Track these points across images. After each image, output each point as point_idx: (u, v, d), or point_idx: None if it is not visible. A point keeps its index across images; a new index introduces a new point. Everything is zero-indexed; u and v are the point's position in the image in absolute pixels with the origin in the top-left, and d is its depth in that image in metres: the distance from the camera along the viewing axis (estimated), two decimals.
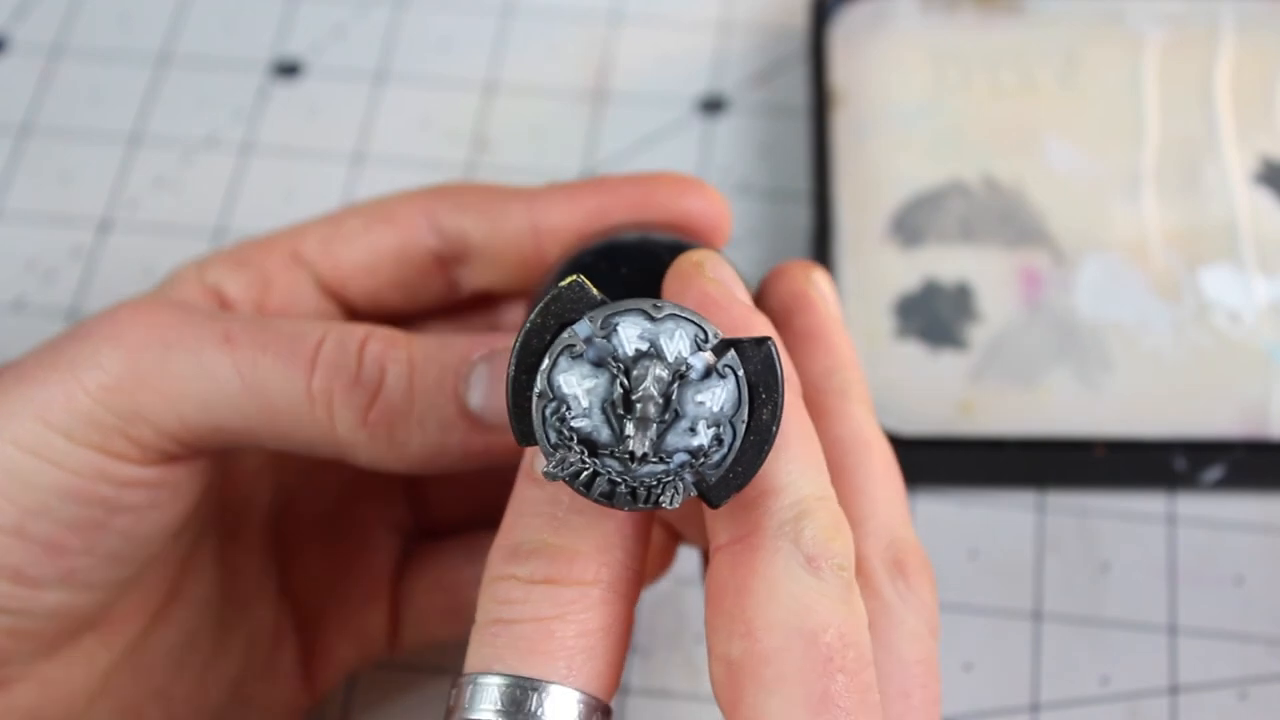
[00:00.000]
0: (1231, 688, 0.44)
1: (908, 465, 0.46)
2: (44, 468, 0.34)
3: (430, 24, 0.58)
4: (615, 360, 0.29)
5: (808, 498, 0.30)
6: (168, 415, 0.34)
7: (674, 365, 0.29)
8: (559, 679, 0.30)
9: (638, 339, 0.29)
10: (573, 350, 0.29)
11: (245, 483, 0.41)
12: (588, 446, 0.29)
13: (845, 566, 0.30)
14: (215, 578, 0.40)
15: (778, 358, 0.30)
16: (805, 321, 0.36)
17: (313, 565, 0.42)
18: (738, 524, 0.30)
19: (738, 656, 0.29)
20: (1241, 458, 0.46)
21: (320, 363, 0.34)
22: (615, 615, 0.31)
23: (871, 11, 0.54)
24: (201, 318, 0.35)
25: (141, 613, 0.38)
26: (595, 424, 0.29)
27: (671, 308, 0.29)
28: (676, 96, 0.56)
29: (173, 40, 0.57)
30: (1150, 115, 0.52)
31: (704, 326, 0.30)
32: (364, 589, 0.42)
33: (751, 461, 0.30)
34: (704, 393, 0.29)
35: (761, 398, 0.30)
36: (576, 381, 0.29)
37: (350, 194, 0.53)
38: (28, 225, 0.53)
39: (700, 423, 0.29)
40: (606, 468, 0.29)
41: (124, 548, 0.35)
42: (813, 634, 0.29)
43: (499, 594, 0.31)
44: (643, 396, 0.29)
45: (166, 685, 0.39)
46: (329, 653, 0.42)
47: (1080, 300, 0.49)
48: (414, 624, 0.42)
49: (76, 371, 0.34)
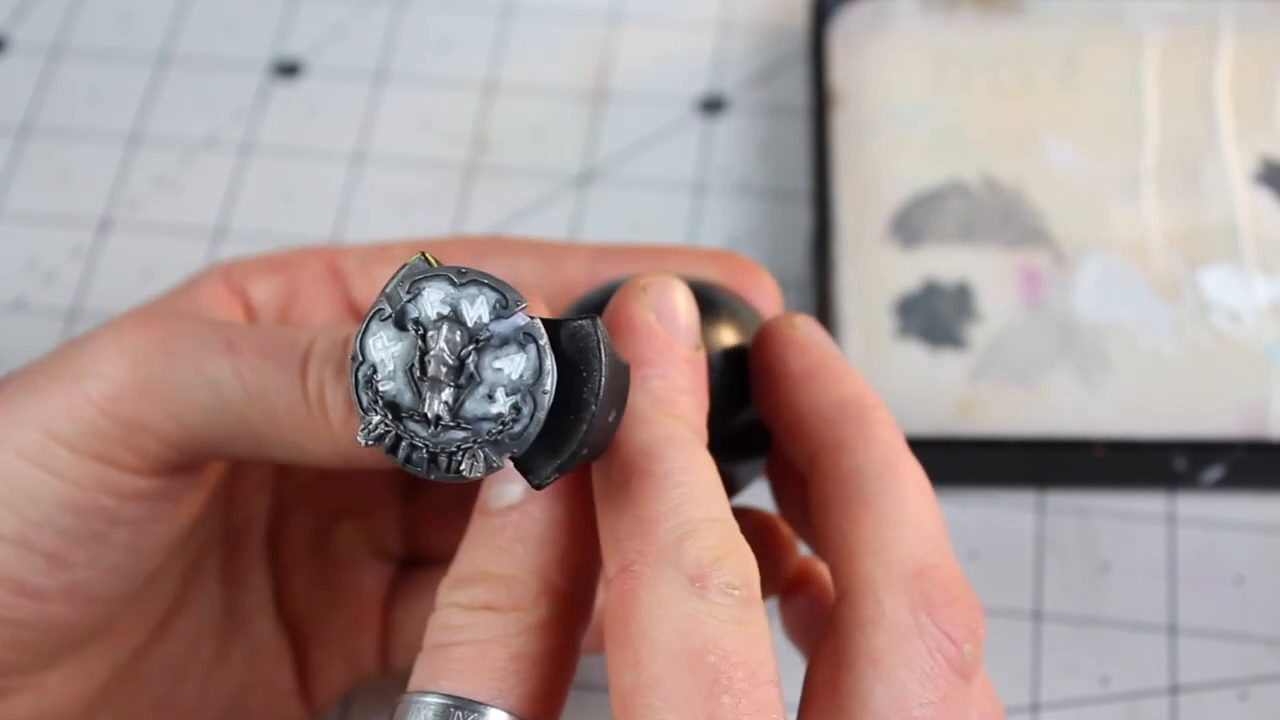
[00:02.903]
0: (1231, 688, 0.44)
1: None
2: (47, 479, 0.33)
3: (430, 24, 0.58)
4: (417, 324, 0.30)
5: (692, 519, 0.30)
6: (171, 425, 0.34)
7: (471, 330, 0.29)
8: (488, 699, 0.30)
9: (439, 303, 0.30)
10: (381, 315, 0.30)
11: (247, 498, 0.40)
12: (392, 410, 0.29)
13: (737, 586, 0.29)
14: (217, 591, 0.40)
15: (598, 336, 0.30)
16: (802, 362, 0.35)
17: (304, 586, 0.42)
18: (623, 553, 0.30)
19: (628, 686, 0.29)
20: (1241, 458, 0.46)
21: (311, 363, 0.34)
22: (554, 641, 0.31)
23: (871, 11, 0.54)
24: (204, 326, 0.34)
25: (144, 624, 0.38)
26: (399, 387, 0.30)
27: (474, 274, 0.30)
28: (676, 96, 0.56)
29: (173, 40, 0.57)
30: (1150, 115, 0.52)
31: (505, 293, 0.29)
32: (354, 613, 0.42)
33: (566, 439, 0.30)
34: (501, 359, 0.29)
35: (582, 375, 0.30)
36: (384, 345, 0.30)
37: (350, 194, 0.53)
38: (28, 225, 0.53)
39: (499, 390, 0.29)
40: (411, 433, 0.29)
41: (126, 561, 0.35)
42: (696, 655, 0.29)
43: (442, 620, 0.32)
44: (433, 356, 0.29)
45: (166, 697, 0.39)
46: (322, 671, 0.42)
47: (1080, 300, 0.49)
48: (403, 651, 0.42)
49: (80, 381, 0.33)
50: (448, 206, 0.53)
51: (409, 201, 0.53)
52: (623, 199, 0.53)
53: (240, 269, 0.39)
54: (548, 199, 0.53)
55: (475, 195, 0.53)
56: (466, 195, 0.53)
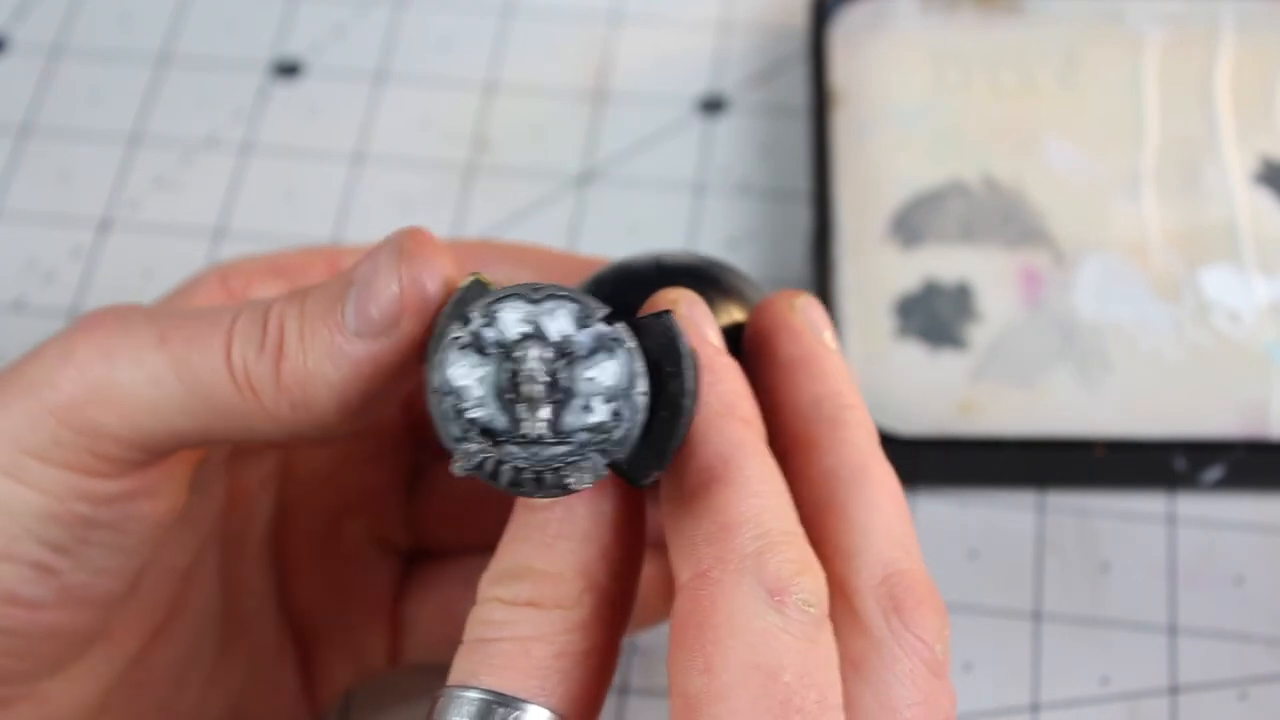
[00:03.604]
0: (1231, 688, 0.44)
1: (908, 465, 0.46)
2: (20, 490, 0.33)
3: (430, 24, 0.58)
4: (500, 346, 0.30)
5: (772, 531, 0.30)
6: (124, 426, 0.33)
7: (557, 344, 0.29)
8: (531, 696, 0.30)
9: (519, 322, 0.30)
10: (459, 342, 0.30)
11: (246, 498, 0.40)
12: (489, 436, 0.29)
13: (812, 604, 0.30)
14: (217, 593, 0.40)
15: (677, 330, 0.30)
16: (789, 351, 0.34)
17: (310, 584, 0.42)
18: (700, 559, 0.30)
19: (695, 692, 0.29)
20: (1241, 458, 0.46)
21: (234, 340, 0.33)
22: (596, 640, 0.31)
23: (871, 11, 0.54)
24: (140, 322, 0.34)
25: (144, 627, 0.38)
26: (492, 412, 0.30)
27: (550, 288, 0.30)
28: (676, 96, 0.56)
29: (173, 40, 0.57)
30: (1150, 115, 0.52)
31: (585, 303, 0.30)
32: (362, 609, 0.42)
33: (667, 437, 0.30)
34: (593, 369, 0.30)
35: (668, 371, 0.30)
36: (467, 372, 0.30)
37: (350, 194, 0.53)
38: (28, 225, 0.53)
39: (594, 399, 0.29)
40: (510, 455, 0.29)
41: (113, 561, 0.35)
42: (772, 672, 0.29)
43: (483, 615, 0.31)
44: (525, 376, 0.29)
45: (169, 700, 0.39)
46: (328, 671, 0.42)
47: (1080, 300, 0.49)
48: (415, 647, 0.42)
49: (37, 392, 0.33)
50: (448, 206, 0.53)
51: (409, 201, 0.53)
52: (623, 199, 0.53)
53: (240, 272, 0.39)
54: (548, 199, 0.53)
55: (475, 195, 0.53)
56: (466, 195, 0.53)
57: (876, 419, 0.35)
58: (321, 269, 0.39)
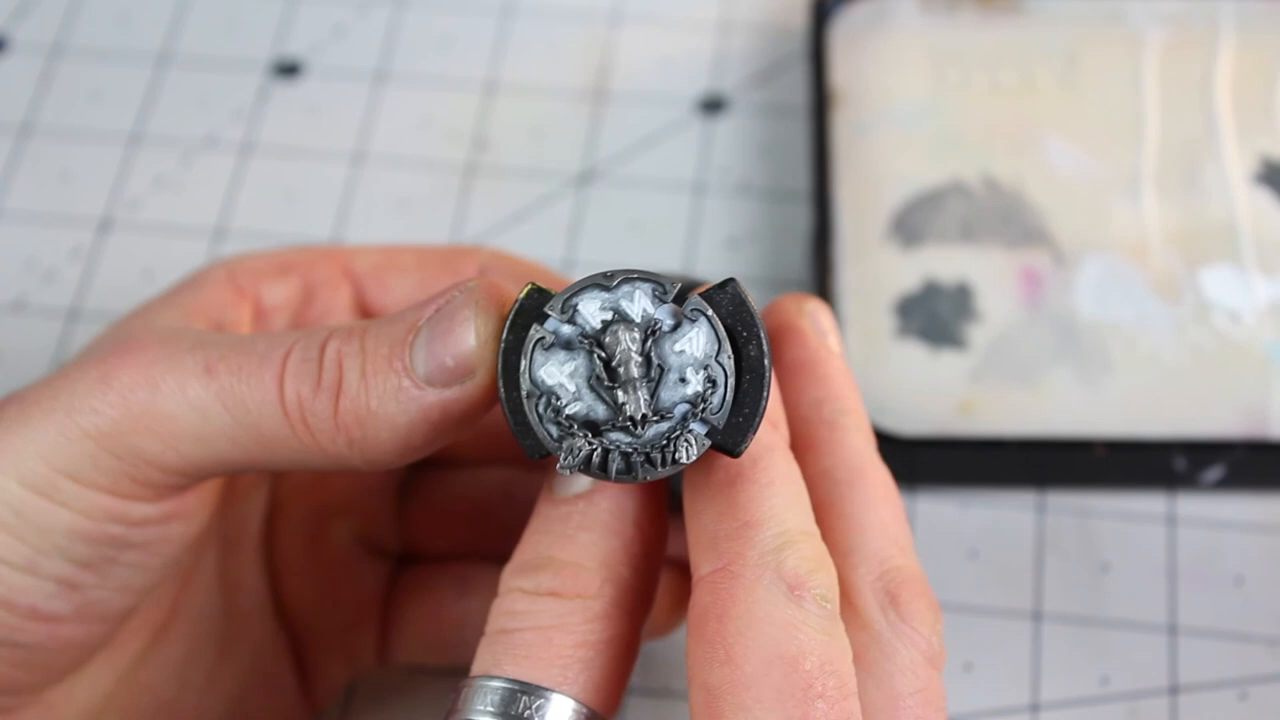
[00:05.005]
0: (1231, 688, 0.44)
1: (908, 465, 0.46)
2: (53, 509, 0.33)
3: (430, 24, 0.58)
4: (585, 338, 0.30)
5: (791, 529, 0.31)
6: (168, 454, 0.33)
7: (642, 324, 0.30)
8: (553, 685, 0.31)
9: (600, 310, 0.30)
10: (543, 343, 0.30)
11: (242, 500, 0.40)
12: (590, 429, 0.30)
13: (828, 599, 0.31)
14: (216, 593, 0.40)
15: (745, 295, 0.30)
16: (794, 354, 0.36)
17: (302, 585, 0.42)
18: (720, 553, 0.31)
19: (717, 682, 0.30)
20: (1241, 458, 0.46)
21: (288, 375, 0.33)
22: (617, 630, 0.32)
23: (871, 11, 0.54)
24: (184, 351, 0.34)
25: (145, 629, 0.38)
26: (589, 404, 0.30)
27: (623, 273, 0.30)
28: (676, 96, 0.56)
29: (173, 40, 0.57)
30: (1150, 115, 0.52)
31: (659, 281, 0.30)
32: (352, 611, 0.42)
33: (755, 399, 0.30)
34: (680, 341, 0.30)
35: (744, 336, 0.30)
36: (557, 370, 0.30)
37: (350, 194, 0.53)
38: (28, 225, 0.53)
39: (688, 370, 0.30)
40: (615, 444, 0.30)
41: (136, 578, 0.35)
42: (793, 660, 0.29)
43: (506, 605, 0.32)
44: (621, 359, 0.30)
45: (170, 700, 0.39)
46: (322, 669, 0.42)
47: (1080, 300, 0.49)
48: (403, 649, 0.42)
49: (74, 416, 0.33)
50: (448, 206, 0.53)
51: (409, 201, 0.53)
52: (623, 199, 0.53)
53: (248, 269, 0.39)
54: (548, 199, 0.53)
55: (475, 195, 0.53)
56: (466, 195, 0.53)
57: (877, 419, 0.35)
58: (329, 268, 0.39)
